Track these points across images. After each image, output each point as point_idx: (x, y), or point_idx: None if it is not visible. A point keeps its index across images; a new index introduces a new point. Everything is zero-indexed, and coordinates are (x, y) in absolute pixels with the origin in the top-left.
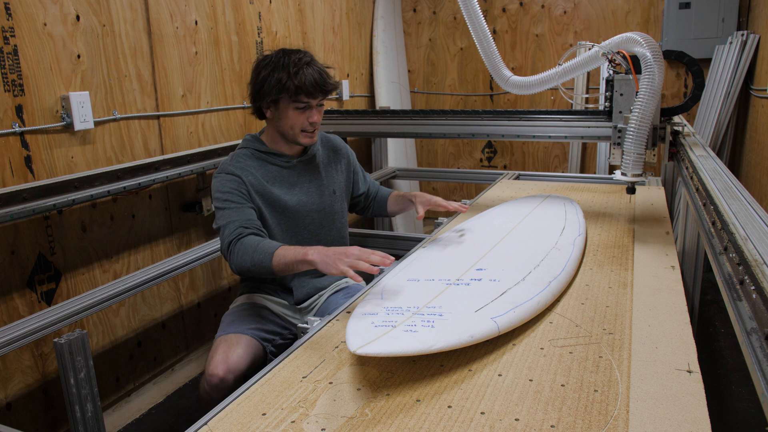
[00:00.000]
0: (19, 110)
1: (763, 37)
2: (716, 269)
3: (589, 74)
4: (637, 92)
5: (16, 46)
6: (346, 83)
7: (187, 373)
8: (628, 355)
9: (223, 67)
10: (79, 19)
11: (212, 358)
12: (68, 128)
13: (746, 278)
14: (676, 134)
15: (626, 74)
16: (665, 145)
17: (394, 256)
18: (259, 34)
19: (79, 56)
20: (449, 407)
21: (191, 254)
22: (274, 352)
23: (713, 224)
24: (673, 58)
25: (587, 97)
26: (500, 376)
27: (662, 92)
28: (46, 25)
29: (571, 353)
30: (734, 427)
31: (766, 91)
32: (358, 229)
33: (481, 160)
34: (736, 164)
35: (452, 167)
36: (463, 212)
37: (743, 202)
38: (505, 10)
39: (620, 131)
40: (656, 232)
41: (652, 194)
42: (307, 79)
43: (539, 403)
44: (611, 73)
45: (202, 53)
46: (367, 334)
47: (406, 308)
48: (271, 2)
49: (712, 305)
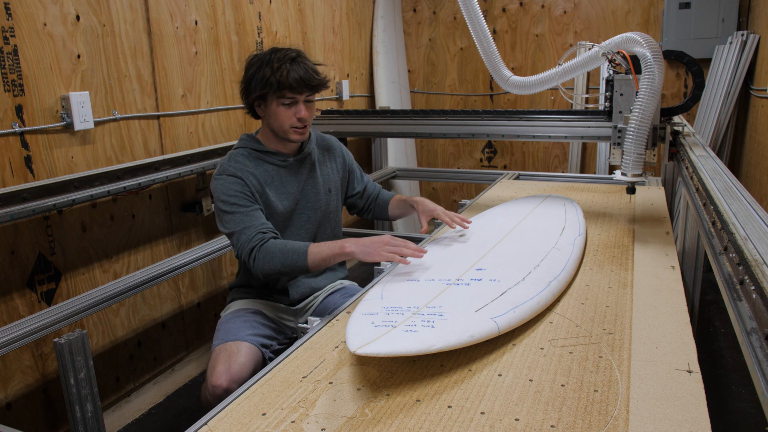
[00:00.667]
0: (19, 110)
1: (763, 37)
2: (716, 269)
3: (589, 74)
4: (637, 92)
5: (16, 46)
6: (346, 83)
7: (187, 373)
8: (628, 355)
9: (223, 67)
10: (79, 19)
11: (214, 368)
12: (68, 128)
13: (746, 278)
14: (676, 134)
15: (626, 74)
16: (665, 145)
17: None
18: (259, 34)
19: (79, 56)
20: (449, 407)
21: (191, 254)
22: (272, 357)
23: (713, 224)
24: (673, 58)
25: (587, 97)
26: (500, 376)
27: (662, 92)
28: (46, 25)
29: (571, 353)
30: (734, 427)
31: (766, 91)
32: (358, 229)
33: (481, 160)
34: (736, 164)
35: (452, 167)
36: (465, 228)
37: (743, 202)
38: (505, 10)
39: (620, 131)
40: (656, 232)
41: (652, 194)
42: (290, 74)
43: (539, 403)
44: (611, 73)
45: (202, 53)
46: (367, 334)
47: (406, 308)
48: (271, 2)
49: (712, 305)
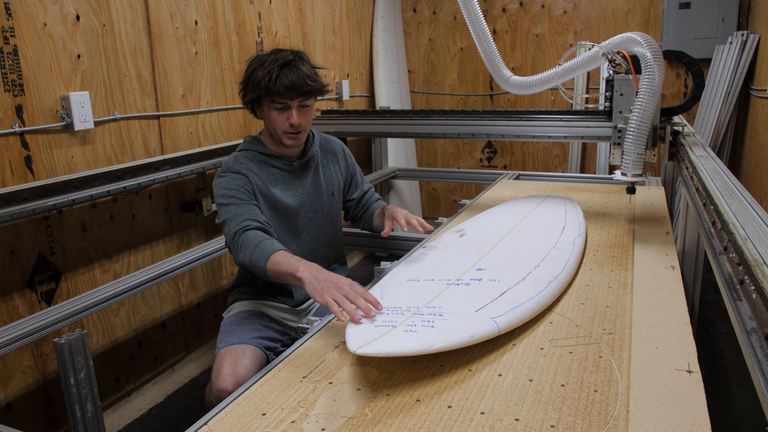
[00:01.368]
0: (19, 110)
1: (763, 37)
2: (716, 269)
3: (589, 74)
4: (637, 92)
5: (16, 46)
6: (346, 83)
7: (187, 373)
8: (628, 355)
9: (223, 67)
10: (79, 19)
11: (219, 371)
12: (68, 128)
13: (746, 278)
14: (676, 134)
15: (626, 74)
16: (665, 145)
17: (393, 256)
18: (259, 34)
19: (79, 56)
20: (449, 407)
21: (191, 254)
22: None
23: (713, 224)
24: (673, 58)
25: (587, 97)
26: (500, 376)
27: (662, 92)
28: (46, 25)
29: (571, 353)
30: (734, 427)
31: (766, 91)
32: (358, 229)
33: (481, 160)
34: (736, 164)
35: (452, 167)
36: (420, 232)
37: (743, 202)
38: (505, 10)
39: (620, 131)
40: (656, 232)
41: (652, 194)
42: (280, 80)
43: (539, 403)
44: (611, 73)
45: (202, 53)
46: (366, 334)
47: (406, 308)
48: (271, 2)
49: (712, 305)
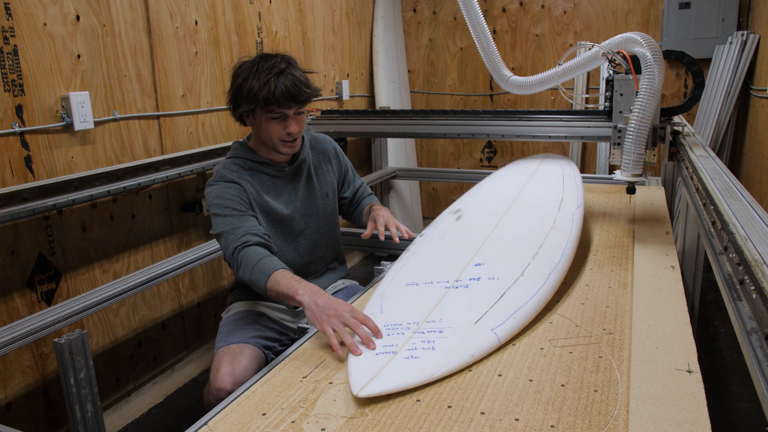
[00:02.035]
0: (19, 110)
1: (763, 37)
2: (716, 269)
3: (589, 74)
4: (637, 92)
5: (16, 46)
6: (346, 83)
7: (187, 373)
8: (628, 355)
9: (223, 67)
10: (79, 19)
11: (218, 370)
12: (68, 128)
13: (746, 278)
14: (676, 134)
15: (626, 74)
16: (665, 145)
17: (393, 256)
18: (259, 34)
19: (79, 56)
20: (449, 407)
21: (191, 254)
22: (274, 359)
23: (713, 224)
24: (673, 58)
25: (587, 97)
26: (500, 376)
27: (662, 92)
28: (46, 25)
29: (571, 353)
30: (734, 427)
31: (766, 91)
32: (357, 229)
33: (481, 160)
34: (736, 164)
35: (452, 167)
36: (396, 242)
37: (743, 202)
38: (505, 10)
39: (620, 131)
40: (656, 232)
41: (652, 194)
42: (277, 89)
43: (539, 403)
44: (611, 73)
45: (202, 53)
46: (368, 366)
47: (405, 325)
48: (271, 2)
49: (712, 305)
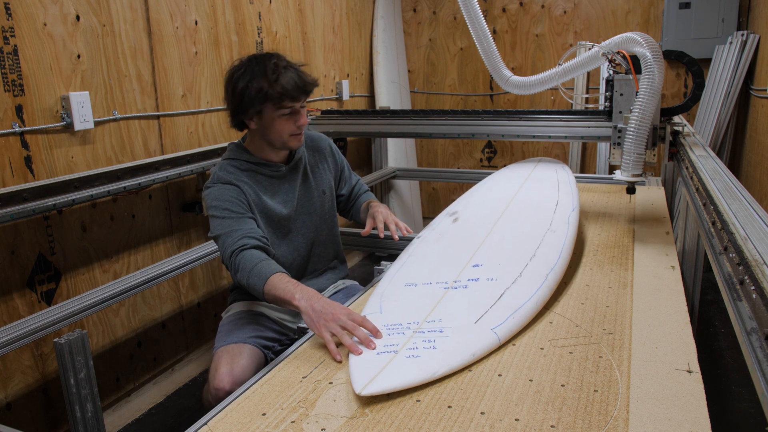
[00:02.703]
0: (19, 110)
1: (763, 37)
2: (716, 269)
3: (589, 74)
4: (637, 92)
5: (16, 46)
6: (346, 83)
7: (187, 373)
8: (628, 355)
9: (223, 67)
10: (79, 19)
11: (216, 370)
12: (68, 128)
13: (746, 278)
14: (676, 134)
15: (626, 74)
16: (665, 145)
17: (393, 256)
18: (259, 34)
19: (79, 56)
20: (449, 407)
21: (191, 254)
22: (274, 359)
23: (713, 224)
24: (673, 58)
25: (587, 97)
26: (500, 376)
27: (662, 92)
28: (46, 25)
29: (571, 353)
30: (734, 427)
31: (766, 91)
32: (357, 228)
33: (481, 160)
34: (736, 164)
35: (452, 167)
36: (396, 240)
37: (743, 202)
38: (505, 10)
39: (620, 131)
40: (656, 232)
41: (652, 194)
42: (288, 83)
43: (539, 403)
44: (611, 73)
45: (202, 53)
46: (369, 366)
47: (406, 325)
48: (271, 2)
49: (712, 305)
